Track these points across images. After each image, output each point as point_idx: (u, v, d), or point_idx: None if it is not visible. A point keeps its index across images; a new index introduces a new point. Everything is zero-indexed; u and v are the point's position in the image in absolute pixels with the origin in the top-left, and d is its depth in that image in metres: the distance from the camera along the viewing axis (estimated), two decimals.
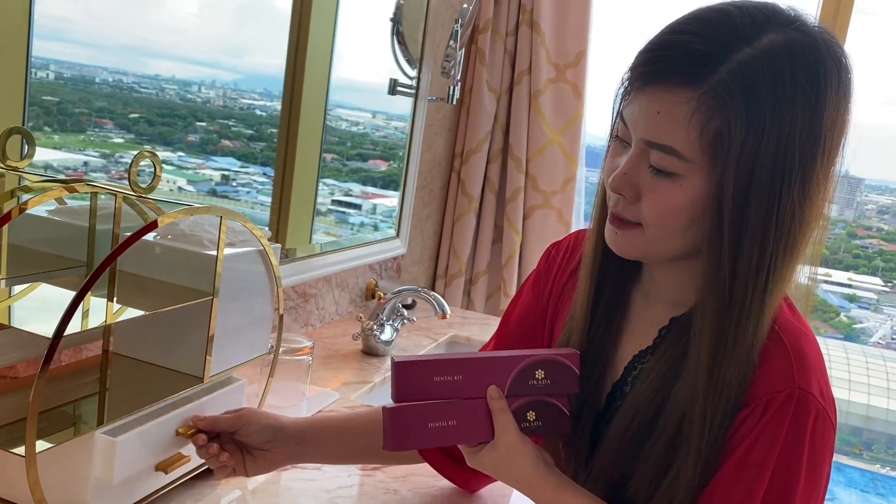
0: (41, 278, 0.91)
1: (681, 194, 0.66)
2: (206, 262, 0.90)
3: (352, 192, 1.88)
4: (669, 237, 0.68)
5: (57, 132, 1.09)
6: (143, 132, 1.26)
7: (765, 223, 0.64)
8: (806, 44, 0.64)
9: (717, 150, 0.63)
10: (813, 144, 0.63)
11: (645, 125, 0.67)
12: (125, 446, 0.79)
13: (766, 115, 0.62)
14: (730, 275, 0.65)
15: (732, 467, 0.67)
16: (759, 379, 0.67)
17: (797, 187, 0.63)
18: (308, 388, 1.26)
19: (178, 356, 0.93)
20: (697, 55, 0.63)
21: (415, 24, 1.83)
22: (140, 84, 1.24)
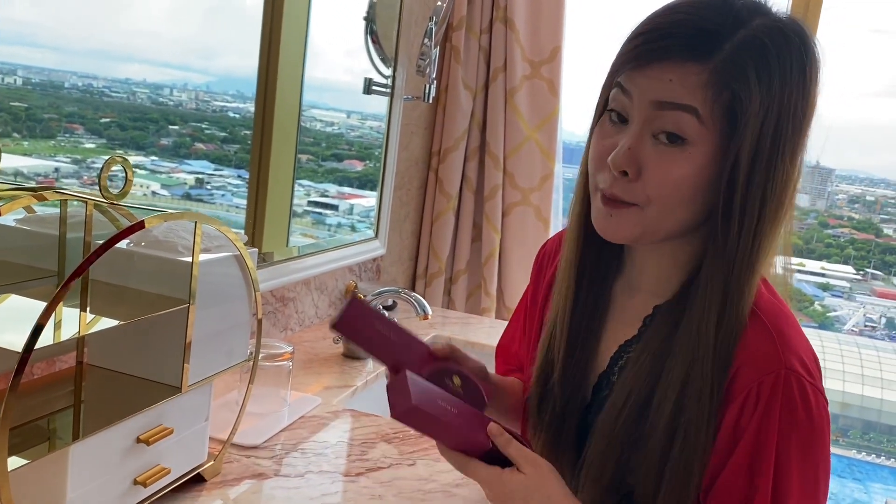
0: (11, 289, 0.88)
1: (688, 163, 0.67)
2: (182, 269, 0.88)
3: (328, 192, 1.86)
4: (671, 212, 0.69)
5: (26, 138, 1.07)
6: (115, 137, 1.24)
7: (765, 189, 0.67)
8: (792, 28, 0.68)
9: (730, 119, 0.66)
10: (802, 118, 0.68)
11: (658, 89, 0.66)
12: (79, 458, 0.77)
13: (773, 88, 0.65)
14: (736, 237, 0.68)
15: (737, 463, 0.68)
16: (744, 364, 0.68)
17: (788, 157, 0.68)
18: (289, 393, 1.24)
19: (155, 366, 0.91)
20: (704, 32, 0.66)
21: (388, 22, 1.81)
22: (111, 88, 1.22)
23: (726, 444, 0.68)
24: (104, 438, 0.80)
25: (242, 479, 1.00)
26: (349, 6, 1.72)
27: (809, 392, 0.67)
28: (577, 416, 0.80)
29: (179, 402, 0.90)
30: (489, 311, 2.30)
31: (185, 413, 0.92)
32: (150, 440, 0.84)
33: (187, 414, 0.93)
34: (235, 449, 1.07)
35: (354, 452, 1.12)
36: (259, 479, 1.00)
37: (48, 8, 1.04)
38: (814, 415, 0.67)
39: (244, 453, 1.07)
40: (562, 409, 0.80)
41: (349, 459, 1.09)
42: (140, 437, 0.84)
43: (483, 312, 2.29)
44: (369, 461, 1.09)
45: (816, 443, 0.68)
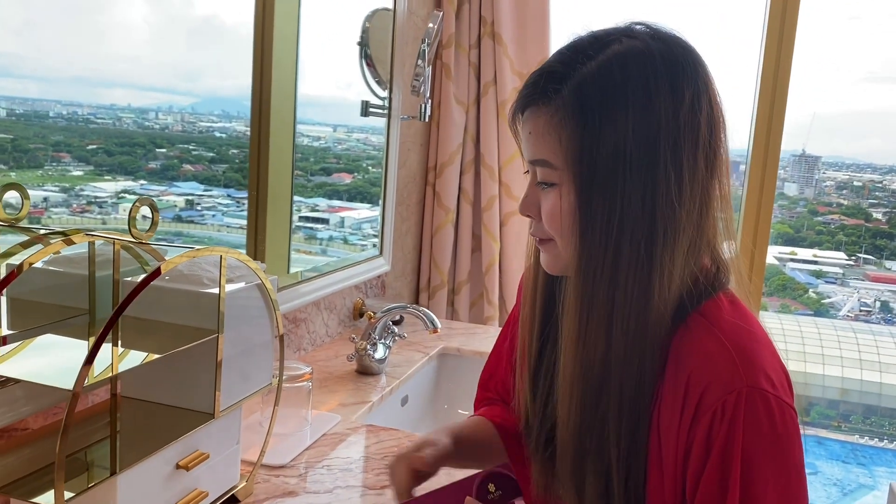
0: (46, 330, 0.93)
1: (560, 200, 0.74)
2: (209, 301, 0.92)
3: (318, 206, 1.88)
4: (569, 243, 0.75)
5: (14, 169, 1.08)
6: (103, 163, 1.24)
7: (608, 217, 0.70)
8: (639, 50, 0.71)
9: (569, 155, 0.72)
10: (651, 143, 0.70)
11: (525, 148, 0.77)
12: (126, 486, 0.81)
13: (598, 120, 0.70)
14: (581, 255, 0.72)
15: (708, 480, 0.70)
16: (710, 383, 0.70)
17: (640, 187, 0.70)
18: (310, 413, 1.28)
19: (187, 394, 0.95)
20: (549, 77, 0.73)
21: (382, 45, 1.86)
22: (96, 115, 1.22)
23: (698, 464, 0.71)
24: (148, 466, 0.84)
25: (273, 498, 1.04)
26: (336, 24, 1.75)
27: (774, 406, 0.69)
28: (545, 435, 0.83)
29: (213, 427, 0.95)
30: (493, 320, 2.34)
31: (218, 438, 0.97)
32: (190, 465, 0.89)
33: (220, 438, 0.97)
34: (264, 469, 1.11)
35: (377, 466, 1.16)
36: (289, 497, 1.05)
37: (29, 38, 1.06)
38: (779, 427, 0.69)
39: (273, 473, 1.11)
40: (548, 432, 0.83)
41: (373, 473, 1.14)
42: (179, 463, 0.89)
43: (487, 321, 2.34)
44: None
45: (785, 454, 0.69)
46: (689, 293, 0.73)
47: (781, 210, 3.62)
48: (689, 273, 0.73)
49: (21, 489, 0.78)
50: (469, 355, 1.85)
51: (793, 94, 2.22)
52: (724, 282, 0.76)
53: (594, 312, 0.72)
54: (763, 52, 2.18)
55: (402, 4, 1.91)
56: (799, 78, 2.24)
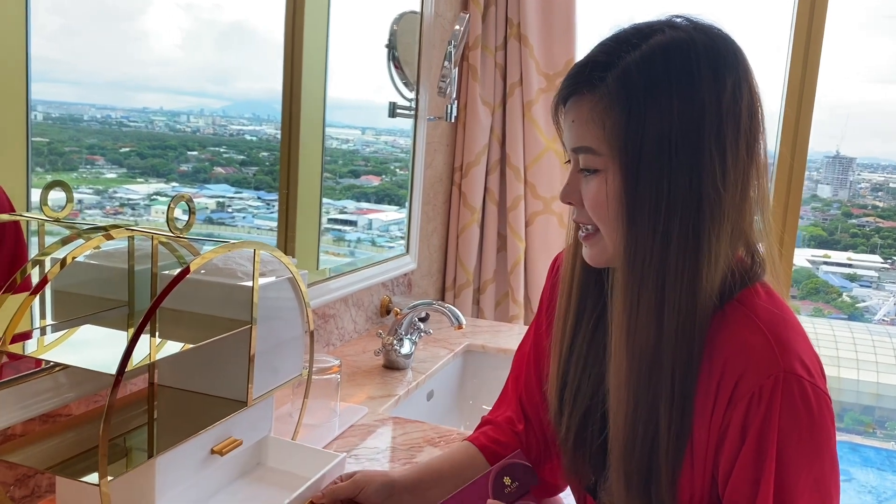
0: (88, 320, 0.97)
1: (604, 186, 0.76)
2: (243, 293, 0.96)
3: (346, 209, 1.91)
4: (614, 231, 0.77)
5: (49, 172, 1.10)
6: (136, 166, 1.26)
7: (656, 201, 0.72)
8: (682, 39, 0.74)
9: (614, 142, 0.74)
10: (697, 129, 0.72)
11: (568, 136, 0.79)
12: (163, 468, 0.85)
13: (644, 108, 0.72)
14: (630, 241, 0.74)
15: (743, 464, 0.72)
16: (747, 370, 0.72)
17: (686, 171, 0.72)
18: (338, 404, 1.32)
19: (221, 383, 0.99)
20: (593, 66, 0.75)
21: (409, 48, 1.90)
22: (129, 118, 1.24)
23: (733, 448, 0.73)
24: (184, 451, 0.88)
25: None
26: (364, 27, 1.79)
27: (810, 391, 0.70)
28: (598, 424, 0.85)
29: (246, 415, 0.98)
30: (518, 319, 2.37)
31: (250, 425, 1.00)
32: (224, 451, 0.93)
33: (253, 426, 1.01)
34: None
35: (404, 456, 1.19)
36: None
37: (65, 43, 1.08)
38: (815, 413, 0.70)
39: None
40: (581, 419, 0.85)
41: (400, 463, 1.17)
42: (213, 448, 0.93)
43: (512, 320, 2.36)
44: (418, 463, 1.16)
45: (820, 440, 0.71)
46: (729, 281, 0.75)
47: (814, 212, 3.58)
48: (729, 261, 0.75)
49: (67, 470, 0.82)
50: (494, 352, 1.88)
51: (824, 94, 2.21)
52: (759, 273, 0.78)
53: (644, 298, 0.74)
54: (791, 51, 2.18)
55: (430, 7, 1.94)
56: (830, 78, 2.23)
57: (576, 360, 0.87)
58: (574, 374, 0.86)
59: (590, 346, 0.86)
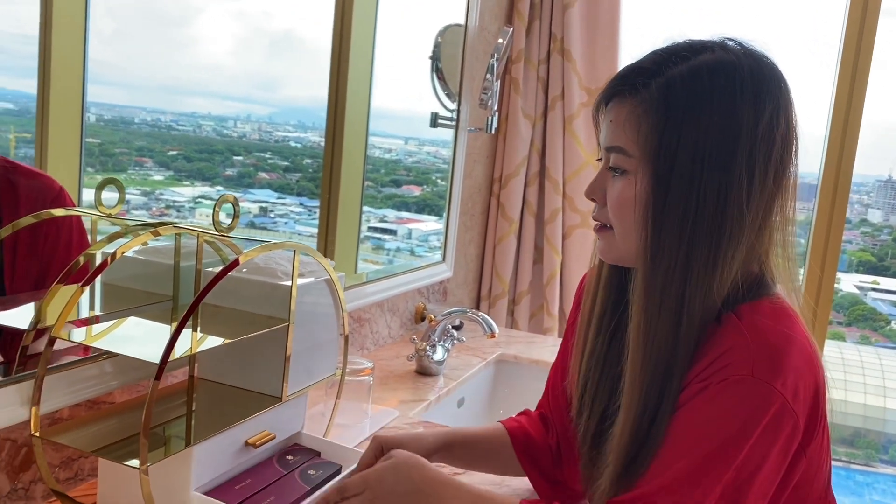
0: (134, 313, 1.02)
1: (629, 189, 0.78)
2: (281, 292, 0.99)
3: (387, 217, 1.93)
4: (629, 232, 0.79)
5: (99, 172, 1.13)
6: (182, 169, 1.29)
7: (684, 211, 0.74)
8: (729, 61, 0.76)
9: (646, 147, 0.76)
10: (730, 149, 0.74)
11: (603, 135, 0.82)
12: (199, 457, 0.88)
13: (681, 120, 0.74)
14: (654, 247, 0.76)
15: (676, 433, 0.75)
16: (719, 362, 0.74)
17: (714, 187, 0.74)
18: (370, 406, 1.34)
19: (257, 378, 1.02)
20: (639, 72, 0.78)
21: (452, 60, 1.93)
22: (178, 122, 1.27)
23: None
24: (220, 441, 0.91)
25: None
26: (410, 40, 1.82)
27: (765, 394, 0.71)
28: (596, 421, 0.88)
29: (279, 410, 1.01)
30: (552, 331, 2.37)
31: (284, 421, 1.03)
32: (257, 444, 0.96)
33: (286, 421, 1.04)
34: None
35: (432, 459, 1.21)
36: None
37: (118, 47, 1.11)
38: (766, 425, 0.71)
39: None
40: (599, 420, 0.87)
41: None
42: (248, 440, 0.96)
43: (546, 332, 2.37)
44: (446, 467, 1.18)
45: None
46: (732, 294, 0.77)
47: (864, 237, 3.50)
48: (738, 275, 0.77)
49: (111, 454, 0.86)
50: (527, 363, 1.89)
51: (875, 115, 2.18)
52: (768, 288, 0.79)
53: (665, 305, 0.76)
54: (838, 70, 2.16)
55: (474, 20, 1.97)
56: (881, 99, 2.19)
57: (595, 363, 0.89)
58: (593, 376, 0.88)
59: (609, 348, 0.88)
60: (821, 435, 0.77)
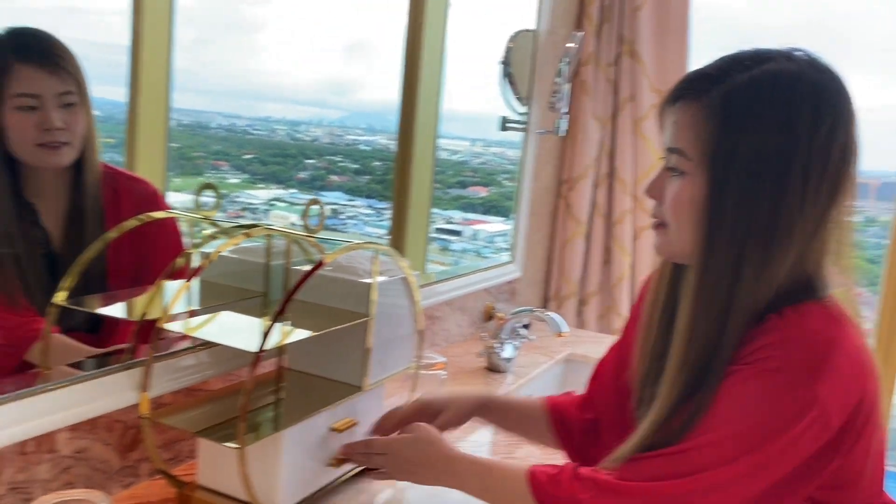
0: (228, 308, 1.10)
1: (688, 189, 0.81)
2: (362, 289, 1.06)
3: (453, 219, 1.96)
4: (684, 231, 0.82)
5: (178, 175, 1.19)
6: (257, 172, 1.35)
7: (737, 215, 0.77)
8: (792, 71, 0.78)
9: (705, 151, 0.78)
10: (787, 157, 0.76)
11: (667, 136, 0.84)
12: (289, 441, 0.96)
13: (740, 126, 0.77)
14: (707, 248, 0.79)
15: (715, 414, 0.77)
16: (759, 351, 0.76)
17: (769, 193, 0.76)
18: None
19: (340, 369, 1.09)
20: (704, 77, 0.81)
21: (522, 64, 1.97)
22: (252, 126, 1.32)
23: None
24: (307, 426, 0.99)
25: None
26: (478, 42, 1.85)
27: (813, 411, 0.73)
28: None
29: (361, 399, 1.08)
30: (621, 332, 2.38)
31: (365, 409, 1.10)
32: (342, 429, 1.03)
33: (366, 410, 1.11)
34: None
35: (503, 451, 1.26)
36: None
37: (198, 54, 1.16)
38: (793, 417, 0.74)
39: None
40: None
41: (500, 456, 1.24)
42: (333, 426, 1.03)
43: (615, 333, 2.38)
44: (517, 458, 1.23)
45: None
46: (779, 296, 0.79)
47: None
48: (785, 280, 0.79)
49: (212, 436, 0.94)
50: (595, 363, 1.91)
51: None
52: (815, 293, 0.80)
53: (714, 304, 0.79)
54: None
55: (544, 25, 2.01)
56: None
57: (654, 357, 0.91)
58: (652, 370, 0.91)
59: (667, 343, 0.90)
60: (866, 440, 0.78)
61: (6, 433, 0.85)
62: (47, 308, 0.98)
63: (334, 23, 1.47)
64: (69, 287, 0.99)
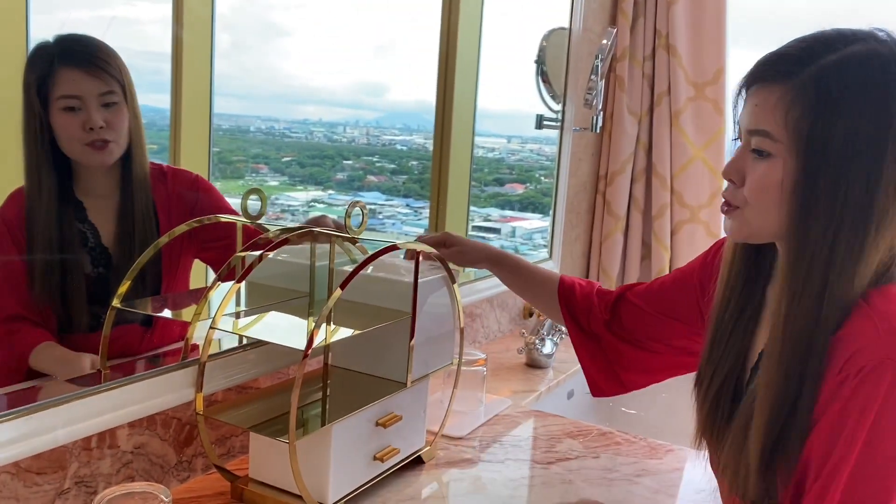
0: (274, 308, 1.14)
1: (773, 172, 0.80)
2: (404, 288, 1.09)
3: (490, 216, 1.96)
4: (765, 213, 0.82)
5: (218, 179, 1.20)
6: (296, 174, 1.36)
7: (832, 199, 0.76)
8: (882, 53, 0.77)
9: (796, 133, 0.78)
10: (882, 139, 0.75)
11: (747, 118, 0.82)
12: (337, 435, 0.99)
13: (834, 108, 0.76)
14: (800, 232, 0.78)
15: (823, 430, 0.76)
16: (853, 356, 0.75)
17: (864, 176, 0.76)
18: (484, 395, 1.42)
19: (384, 365, 1.12)
20: (790, 59, 0.80)
21: (557, 62, 1.98)
22: (290, 129, 1.33)
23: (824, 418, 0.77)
24: (354, 420, 1.02)
25: (454, 463, 1.19)
26: (512, 40, 1.87)
27: None
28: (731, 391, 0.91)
29: (404, 395, 1.11)
30: None
31: (408, 404, 1.13)
32: (387, 424, 1.06)
33: (410, 405, 1.14)
34: (444, 440, 1.27)
35: (544, 445, 1.28)
36: (467, 463, 1.19)
37: (236, 60, 1.18)
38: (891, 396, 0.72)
39: (452, 443, 1.26)
40: (720, 384, 0.91)
41: (540, 451, 1.26)
42: (378, 420, 1.06)
43: None
44: (558, 453, 1.25)
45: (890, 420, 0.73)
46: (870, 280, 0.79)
47: None
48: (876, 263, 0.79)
49: (264, 431, 0.98)
50: None
51: None
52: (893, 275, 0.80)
53: (808, 289, 0.78)
54: None
55: (578, 22, 2.02)
56: None
57: (722, 334, 0.92)
58: (719, 346, 0.92)
59: (737, 322, 0.91)
60: None
61: (72, 429, 0.90)
62: (96, 308, 1.03)
63: (368, 25, 1.48)
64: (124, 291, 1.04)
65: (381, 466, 1.08)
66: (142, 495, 0.82)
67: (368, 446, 1.06)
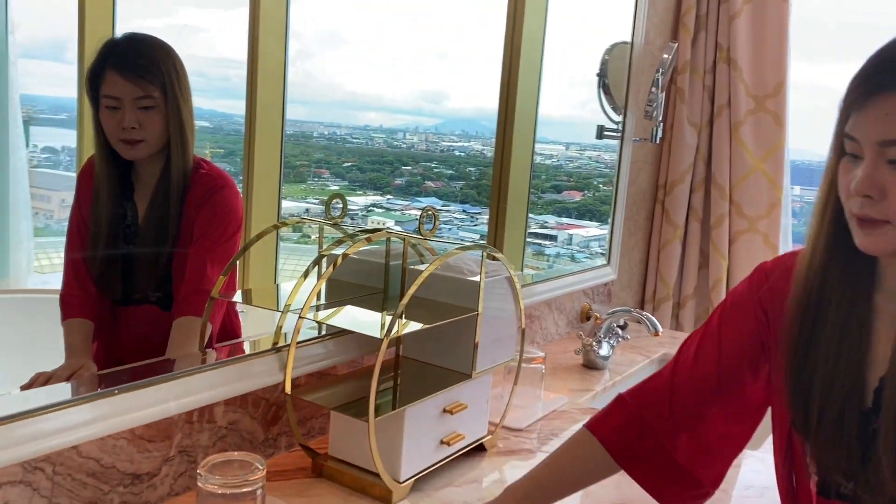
0: (351, 303, 1.25)
1: None
2: (471, 287, 1.18)
3: (547, 223, 1.99)
4: None
5: (282, 183, 1.24)
6: (356, 179, 1.41)
7: None
8: None
9: None
10: None
11: (876, 128, 0.75)
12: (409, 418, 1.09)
13: None
14: None
15: None
16: None
17: None
18: (542, 392, 1.51)
19: (451, 357, 1.22)
20: None
21: (619, 75, 2.05)
22: (352, 135, 1.39)
23: None
24: (424, 406, 1.12)
25: (514, 452, 1.28)
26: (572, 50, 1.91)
27: None
28: (856, 419, 0.83)
29: (469, 385, 1.20)
30: None
31: (473, 394, 1.22)
32: (454, 410, 1.15)
33: (474, 395, 1.23)
34: (504, 431, 1.36)
35: None
36: (526, 453, 1.28)
37: (301, 67, 1.21)
38: None
39: (512, 434, 1.35)
40: (838, 414, 0.84)
41: None
42: (446, 407, 1.16)
43: None
44: None
45: None
46: None
47: None
48: None
49: (346, 412, 1.08)
50: None
51: None
52: None
53: None
54: None
55: (640, 37, 2.08)
56: None
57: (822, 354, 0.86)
58: (821, 367, 0.85)
59: (841, 338, 0.85)
60: None
61: (179, 403, 1.02)
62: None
63: (429, 34, 1.52)
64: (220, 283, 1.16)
65: (447, 450, 1.17)
66: (240, 462, 0.93)
67: (437, 431, 1.16)
